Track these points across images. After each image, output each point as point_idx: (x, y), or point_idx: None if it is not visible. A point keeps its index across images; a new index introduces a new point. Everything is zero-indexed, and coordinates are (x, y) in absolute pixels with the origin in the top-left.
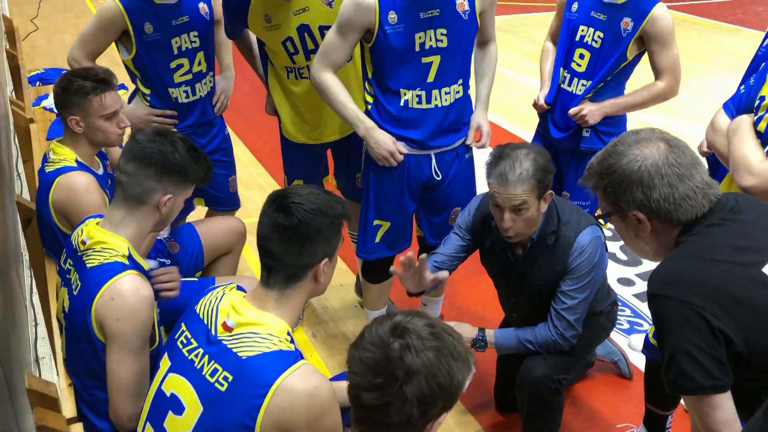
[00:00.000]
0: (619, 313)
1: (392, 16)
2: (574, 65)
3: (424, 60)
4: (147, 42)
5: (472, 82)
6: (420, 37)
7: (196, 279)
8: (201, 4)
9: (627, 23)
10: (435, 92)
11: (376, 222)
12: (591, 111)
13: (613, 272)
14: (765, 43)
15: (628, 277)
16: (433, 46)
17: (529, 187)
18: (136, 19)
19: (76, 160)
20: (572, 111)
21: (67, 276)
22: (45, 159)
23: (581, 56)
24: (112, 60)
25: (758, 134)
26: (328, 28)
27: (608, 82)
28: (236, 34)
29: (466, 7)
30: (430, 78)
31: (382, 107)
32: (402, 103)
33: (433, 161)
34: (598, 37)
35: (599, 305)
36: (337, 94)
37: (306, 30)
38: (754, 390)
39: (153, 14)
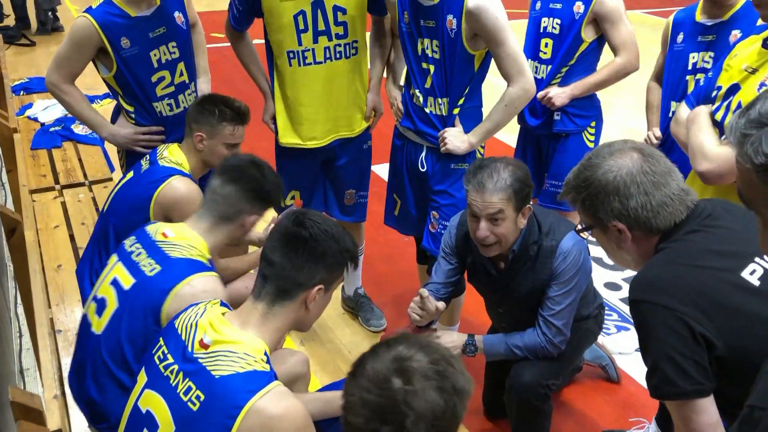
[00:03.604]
0: (606, 317)
1: (405, 17)
2: (540, 54)
3: (424, 66)
4: (126, 57)
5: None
6: (422, 42)
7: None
8: (176, 14)
9: (579, 6)
10: (430, 99)
11: (394, 195)
12: (557, 93)
13: (600, 276)
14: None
15: (614, 282)
16: (429, 56)
17: (506, 196)
18: (112, 34)
19: (189, 172)
20: (540, 95)
21: (133, 257)
22: (155, 153)
23: (546, 45)
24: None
25: (715, 123)
26: (341, 9)
27: (573, 67)
28: (245, 24)
29: (454, 26)
30: (427, 84)
31: (407, 88)
32: (410, 94)
33: (423, 153)
34: (557, 24)
35: (586, 309)
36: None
37: (320, 6)
38: (741, 401)
39: (129, 28)
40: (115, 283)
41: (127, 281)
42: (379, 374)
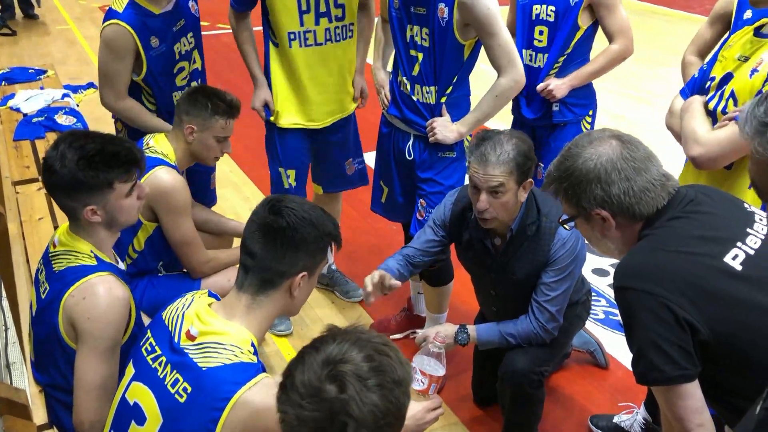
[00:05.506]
0: (594, 303)
1: (396, 2)
2: (535, 42)
3: (412, 53)
4: (155, 56)
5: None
6: (411, 29)
7: (183, 272)
8: (191, 2)
9: None
10: (417, 86)
11: (381, 182)
12: (557, 85)
13: (588, 263)
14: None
15: (602, 268)
16: (418, 43)
17: (508, 169)
18: (143, 36)
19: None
20: (539, 87)
21: (39, 276)
22: (140, 143)
23: (540, 32)
24: (81, 58)
25: (709, 113)
26: None
27: (570, 55)
28: (247, 4)
29: (445, 15)
30: (415, 72)
31: (394, 76)
32: (398, 81)
33: (410, 141)
34: (551, 11)
35: (575, 295)
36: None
37: None
38: (726, 386)
39: (155, 26)
40: (30, 308)
41: (35, 307)
42: (311, 385)
